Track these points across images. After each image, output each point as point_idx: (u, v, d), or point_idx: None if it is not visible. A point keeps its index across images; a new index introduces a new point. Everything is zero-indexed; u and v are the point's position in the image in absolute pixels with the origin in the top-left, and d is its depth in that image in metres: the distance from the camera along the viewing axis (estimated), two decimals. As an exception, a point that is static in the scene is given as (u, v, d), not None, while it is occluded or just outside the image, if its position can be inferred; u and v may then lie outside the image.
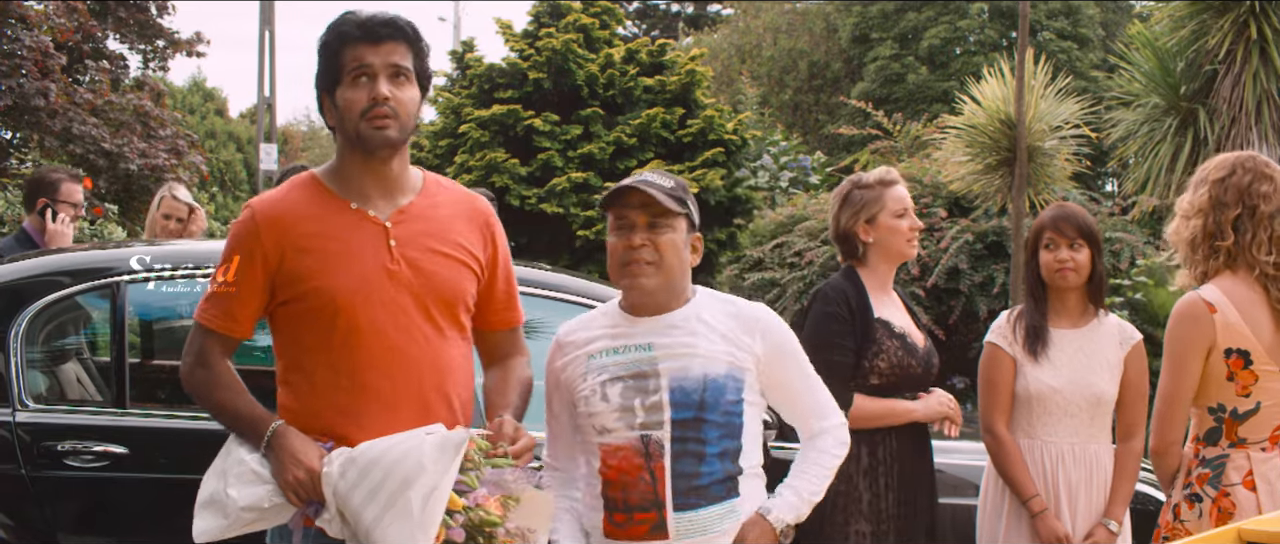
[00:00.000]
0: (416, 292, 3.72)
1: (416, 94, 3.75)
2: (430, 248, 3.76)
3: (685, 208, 3.96)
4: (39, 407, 5.32)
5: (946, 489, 5.30)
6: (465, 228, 3.85)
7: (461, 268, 3.80)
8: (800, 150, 22.78)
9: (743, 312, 4.01)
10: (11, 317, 5.37)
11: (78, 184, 7.70)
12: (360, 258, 3.69)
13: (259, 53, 30.23)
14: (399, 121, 3.68)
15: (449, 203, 3.87)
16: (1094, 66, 29.94)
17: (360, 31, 3.68)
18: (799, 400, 4.10)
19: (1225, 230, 4.64)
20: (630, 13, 45.38)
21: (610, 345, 3.96)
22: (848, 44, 34.34)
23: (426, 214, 3.81)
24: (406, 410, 3.68)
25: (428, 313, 3.73)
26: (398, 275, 3.70)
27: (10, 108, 13.99)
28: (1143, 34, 13.63)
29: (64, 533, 5.24)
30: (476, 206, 3.93)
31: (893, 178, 5.09)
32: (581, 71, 16.42)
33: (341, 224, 3.72)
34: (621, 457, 3.88)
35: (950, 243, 13.85)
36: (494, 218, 3.97)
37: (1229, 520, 4.50)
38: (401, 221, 3.76)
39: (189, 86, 38.68)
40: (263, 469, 3.67)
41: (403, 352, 3.70)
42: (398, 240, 3.73)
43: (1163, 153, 12.77)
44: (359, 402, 3.69)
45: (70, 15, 15.42)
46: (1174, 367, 4.65)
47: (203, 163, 16.61)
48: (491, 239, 3.91)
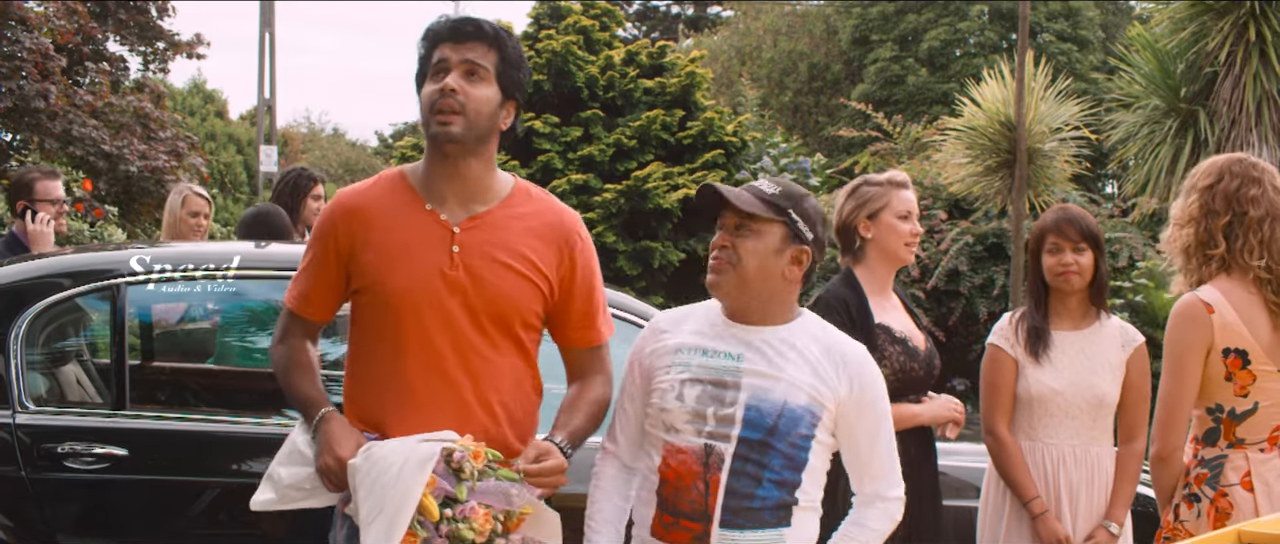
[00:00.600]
0: (469, 299, 3.73)
1: (492, 94, 3.73)
2: (494, 257, 3.76)
3: (781, 215, 3.75)
4: (39, 408, 5.32)
5: (948, 491, 5.30)
6: (539, 244, 3.81)
7: (524, 282, 3.78)
8: (800, 152, 22.77)
9: (837, 348, 3.82)
10: (12, 318, 5.37)
11: (55, 180, 7.70)
12: (421, 259, 3.73)
13: (259, 55, 30.25)
14: (465, 118, 3.68)
15: (530, 215, 3.85)
16: (1094, 68, 29.98)
17: (447, 30, 3.75)
18: (864, 456, 3.90)
19: (1216, 238, 4.64)
20: (630, 15, 45.42)
21: (700, 345, 3.82)
22: (848, 46, 34.40)
23: (500, 224, 3.80)
24: (440, 414, 3.70)
25: (478, 322, 3.74)
26: (454, 281, 3.72)
27: (10, 110, 13.99)
28: (1143, 36, 13.62)
29: (64, 535, 5.24)
30: (560, 223, 3.88)
31: (903, 181, 5.09)
32: (581, 73, 16.43)
33: (412, 224, 3.77)
34: (681, 460, 3.74)
35: (950, 245, 13.87)
36: (578, 237, 3.89)
37: (1227, 521, 4.50)
38: (472, 228, 3.77)
39: (189, 88, 38.64)
40: (309, 451, 3.77)
41: (443, 357, 3.72)
42: (462, 246, 3.75)
43: (1163, 155, 12.76)
44: (397, 399, 3.75)
45: (70, 17, 15.42)
46: (1174, 369, 4.64)
47: (203, 165, 16.59)
48: (570, 258, 3.86)
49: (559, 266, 3.84)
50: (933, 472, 5.07)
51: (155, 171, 15.08)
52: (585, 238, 3.92)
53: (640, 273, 15.59)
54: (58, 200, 7.63)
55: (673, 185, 15.64)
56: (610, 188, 15.48)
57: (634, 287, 15.05)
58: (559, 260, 3.84)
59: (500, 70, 3.75)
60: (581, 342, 3.96)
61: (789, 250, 3.76)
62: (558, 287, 3.85)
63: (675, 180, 15.74)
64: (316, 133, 52.04)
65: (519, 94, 3.81)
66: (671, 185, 15.63)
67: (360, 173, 40.66)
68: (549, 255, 3.82)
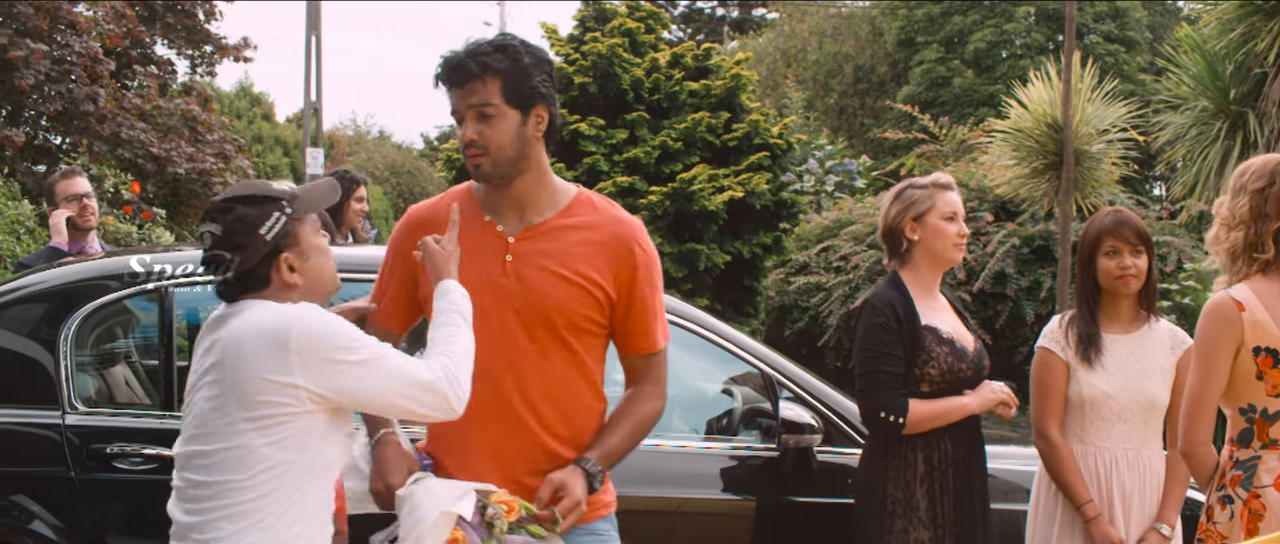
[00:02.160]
0: (519, 306, 3.77)
1: (508, 126, 3.77)
2: (544, 266, 3.79)
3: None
4: (88, 409, 5.36)
5: (996, 494, 5.29)
6: (592, 252, 3.83)
7: (573, 289, 3.79)
8: (846, 154, 22.77)
9: None
10: (61, 320, 5.42)
11: (74, 177, 7.79)
12: (475, 268, 3.79)
13: (305, 58, 30.35)
14: (490, 156, 3.75)
15: (588, 226, 3.87)
16: (1141, 70, 29.84)
17: (447, 77, 3.80)
18: None
19: (1266, 243, 4.57)
20: (675, 17, 45.46)
21: None
22: (893, 48, 34.32)
23: (555, 233, 3.85)
24: (486, 419, 3.76)
25: (528, 328, 3.77)
26: (504, 289, 3.78)
27: (60, 113, 14.09)
28: (1191, 37, 13.51)
29: (112, 535, 5.28)
30: (618, 233, 3.88)
31: (948, 182, 5.08)
32: (627, 76, 16.41)
33: (471, 235, 3.84)
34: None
35: (996, 247, 13.82)
36: (637, 246, 3.89)
37: (1259, 522, 4.46)
38: (527, 238, 3.83)
39: (236, 91, 38.86)
40: (366, 467, 3.86)
41: (491, 362, 3.74)
42: (514, 255, 3.81)
43: (1211, 156, 12.66)
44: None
45: (119, 21, 15.52)
46: (1201, 365, 4.60)
47: (250, 167, 16.67)
48: (629, 267, 3.86)
49: (617, 277, 3.85)
50: (983, 474, 5.06)
51: (202, 174, 15.16)
52: (645, 246, 3.92)
53: (686, 275, 15.56)
54: (78, 195, 7.69)
55: (718, 188, 15.60)
56: (656, 190, 15.45)
57: (679, 289, 15.03)
58: (616, 271, 3.84)
59: (507, 94, 3.76)
60: (635, 349, 3.97)
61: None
62: (617, 296, 3.86)
63: (720, 183, 15.70)
64: (362, 135, 52.21)
65: (539, 99, 3.82)
66: (717, 188, 15.60)
67: (405, 175, 40.81)
68: (603, 264, 3.83)
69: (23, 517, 5.23)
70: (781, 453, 5.54)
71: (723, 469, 5.68)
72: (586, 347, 3.86)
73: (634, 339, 3.94)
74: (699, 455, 5.69)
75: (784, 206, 16.41)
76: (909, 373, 4.85)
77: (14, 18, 13.84)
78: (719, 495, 5.63)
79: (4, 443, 5.35)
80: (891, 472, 4.87)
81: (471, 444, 3.80)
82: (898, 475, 4.86)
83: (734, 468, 5.71)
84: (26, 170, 14.41)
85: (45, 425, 5.31)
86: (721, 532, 5.62)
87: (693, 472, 5.62)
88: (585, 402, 3.89)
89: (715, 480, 5.63)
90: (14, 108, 14.49)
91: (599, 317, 3.85)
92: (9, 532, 5.21)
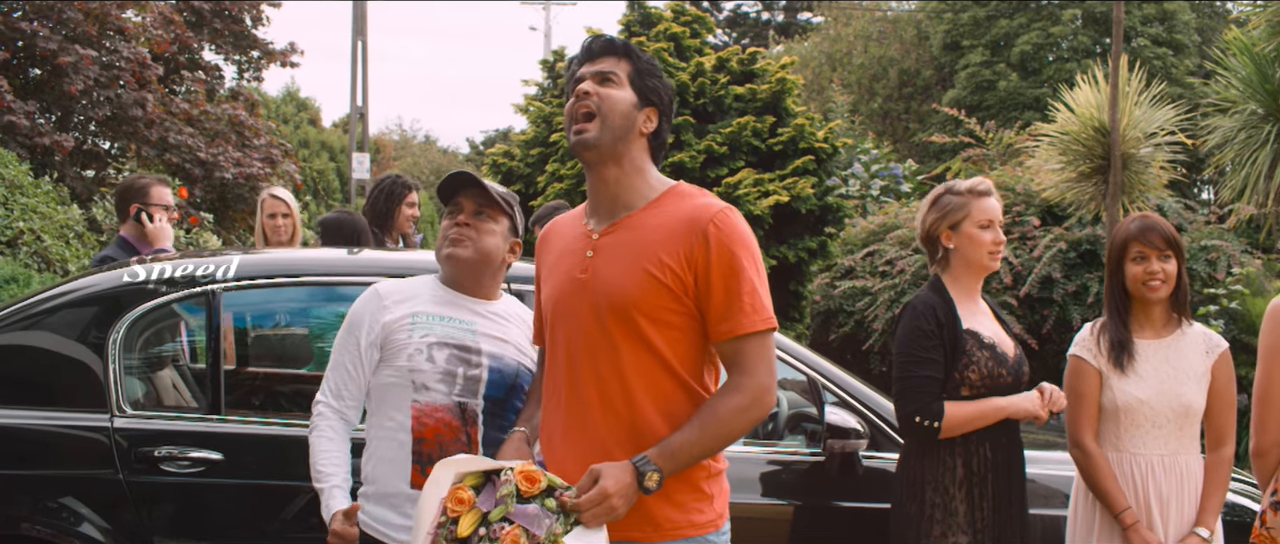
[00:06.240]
0: (594, 300, 3.77)
1: (626, 95, 3.84)
2: (621, 259, 3.78)
3: (509, 210, 4.54)
4: (136, 413, 5.41)
5: (1035, 499, 5.26)
6: (669, 240, 3.75)
7: (647, 279, 3.72)
8: (891, 158, 22.70)
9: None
10: (110, 324, 5.47)
11: (166, 187, 7.80)
12: (564, 268, 3.89)
13: (352, 63, 30.52)
14: (600, 118, 3.80)
15: (669, 215, 3.80)
16: (1189, 73, 29.66)
17: (581, 54, 3.94)
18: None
19: None
20: (721, 21, 45.46)
21: (436, 312, 4.42)
22: (939, 51, 34.22)
23: (638, 225, 3.82)
24: (565, 414, 3.84)
25: (602, 322, 3.75)
26: (584, 284, 3.80)
27: (109, 118, 14.21)
28: (1239, 40, 13.41)
29: (159, 537, 5.32)
30: (695, 215, 3.77)
31: (985, 188, 5.05)
32: (672, 80, 16.42)
33: (571, 237, 3.95)
34: (439, 418, 4.31)
35: (1043, 251, 13.75)
36: (713, 225, 3.72)
37: (1310, 528, 4.46)
38: (610, 233, 3.84)
39: (282, 96, 39.11)
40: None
41: (572, 357, 3.81)
42: (595, 250, 3.83)
43: (1260, 160, 12.57)
44: (540, 402, 4.10)
45: (167, 27, 15.65)
46: (1262, 366, 4.60)
47: (296, 172, 16.79)
48: (703, 247, 3.71)
49: (691, 259, 3.72)
50: (1021, 479, 5.04)
51: (249, 178, 15.28)
52: (723, 226, 3.74)
53: (730, 280, 15.54)
54: (169, 206, 7.73)
55: (764, 192, 15.58)
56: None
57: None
58: (690, 251, 3.72)
59: (634, 77, 3.86)
60: (716, 334, 3.77)
61: (511, 240, 4.55)
62: (695, 279, 3.74)
63: (766, 187, 15.68)
64: (408, 140, 52.42)
65: (657, 100, 3.89)
66: (762, 192, 15.58)
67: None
68: (677, 250, 3.72)
69: (72, 519, 5.27)
70: (827, 458, 5.53)
71: (766, 474, 5.67)
72: (668, 339, 3.75)
73: (714, 325, 3.77)
74: (741, 460, 5.66)
75: (829, 211, 16.38)
76: (949, 377, 4.84)
77: (63, 24, 13.97)
78: (761, 500, 5.62)
79: (53, 445, 5.40)
80: (930, 476, 4.87)
81: (555, 438, 3.86)
82: (936, 479, 4.85)
83: (779, 472, 5.70)
84: (76, 175, 14.54)
85: (94, 428, 5.36)
86: (766, 536, 5.61)
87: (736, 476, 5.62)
88: (668, 392, 3.77)
89: (758, 485, 5.63)
90: (63, 113, 14.63)
91: (676, 305, 3.74)
92: (58, 534, 5.26)
